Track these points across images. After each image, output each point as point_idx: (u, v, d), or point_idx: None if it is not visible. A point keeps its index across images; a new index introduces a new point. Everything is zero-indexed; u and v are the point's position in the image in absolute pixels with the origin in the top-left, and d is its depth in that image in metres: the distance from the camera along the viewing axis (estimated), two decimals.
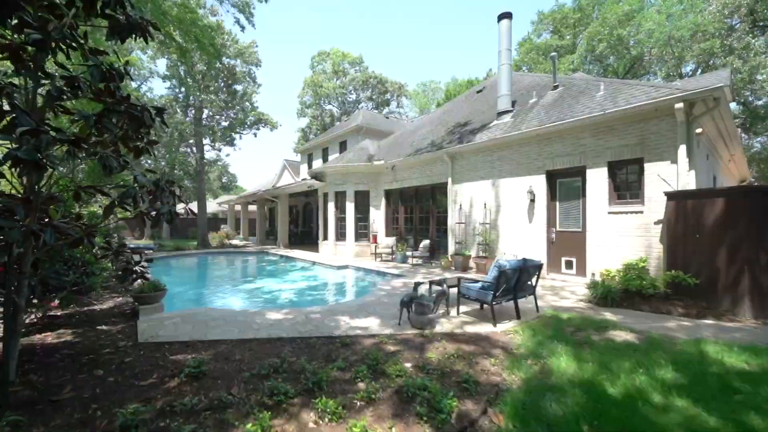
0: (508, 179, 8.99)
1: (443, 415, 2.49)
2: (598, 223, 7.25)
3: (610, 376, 3.15)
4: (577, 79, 9.39)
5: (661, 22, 17.96)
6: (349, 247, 13.42)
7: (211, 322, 4.71)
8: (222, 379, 3.00)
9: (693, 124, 6.14)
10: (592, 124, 7.27)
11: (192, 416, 2.45)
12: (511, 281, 4.87)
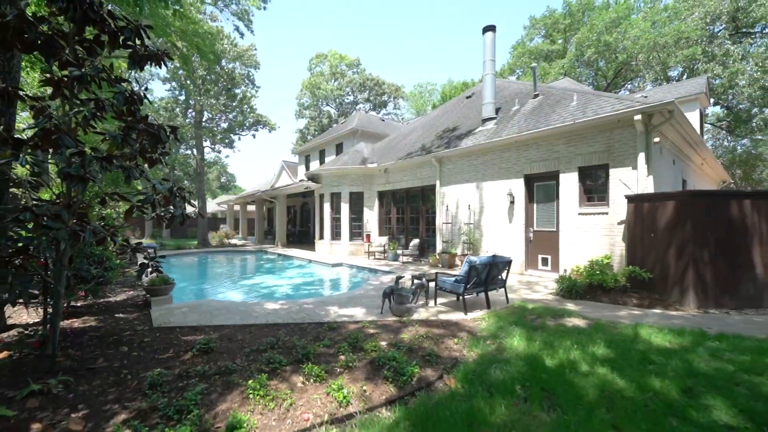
0: (490, 182, 9.62)
1: (405, 378, 3.11)
2: (570, 224, 7.89)
3: (551, 352, 3.78)
4: (555, 89, 10.02)
5: (646, 29, 18.63)
6: (344, 246, 14.03)
7: (215, 311, 5.32)
8: (227, 354, 3.62)
9: (651, 133, 6.77)
10: (565, 133, 7.91)
11: (204, 379, 3.06)
12: (481, 275, 5.50)
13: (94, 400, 2.72)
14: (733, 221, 5.69)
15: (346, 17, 77.74)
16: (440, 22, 75.72)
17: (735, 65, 16.76)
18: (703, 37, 17.98)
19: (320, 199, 15.04)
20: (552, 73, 22.32)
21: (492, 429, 2.48)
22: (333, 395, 2.83)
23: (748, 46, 17.88)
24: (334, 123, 38.48)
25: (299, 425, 2.50)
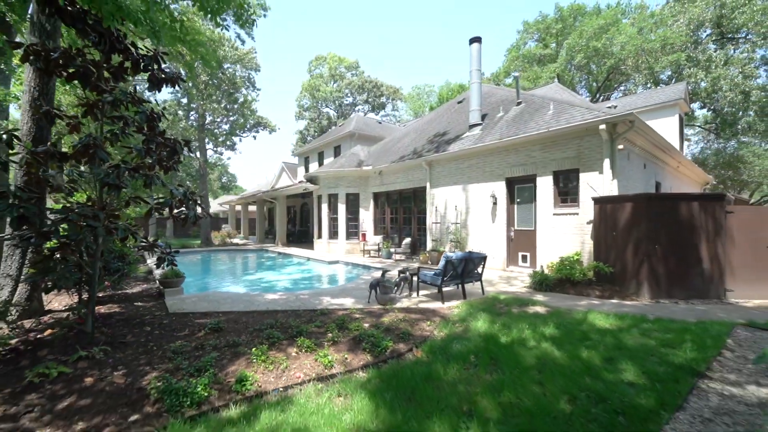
0: (475, 185, 10.31)
1: (380, 349, 3.81)
2: (546, 223, 8.57)
3: (506, 332, 4.48)
4: (536, 97, 10.70)
5: (633, 35, 19.29)
6: (341, 244, 14.73)
7: (222, 300, 6.02)
8: (233, 332, 4.32)
9: (616, 141, 7.45)
10: (541, 139, 8.59)
11: (216, 349, 3.76)
12: (457, 269, 6.19)
13: (129, 364, 3.42)
14: (683, 221, 6.38)
15: (345, 20, 78.42)
16: (439, 23, 76.36)
17: (717, 70, 17.42)
18: (688, 43, 18.64)
19: (318, 200, 15.74)
20: (543, 78, 22.99)
21: (443, 383, 3.18)
22: (320, 361, 3.53)
23: (730, 52, 18.54)
24: (333, 124, 39.18)
25: (292, 381, 3.20)
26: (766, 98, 17.47)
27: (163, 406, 2.70)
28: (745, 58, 17.61)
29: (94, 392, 2.90)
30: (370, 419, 2.59)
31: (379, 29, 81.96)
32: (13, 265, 4.59)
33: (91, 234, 3.78)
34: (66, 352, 3.59)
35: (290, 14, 77.07)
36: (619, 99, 16.68)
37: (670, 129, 14.05)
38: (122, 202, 4.65)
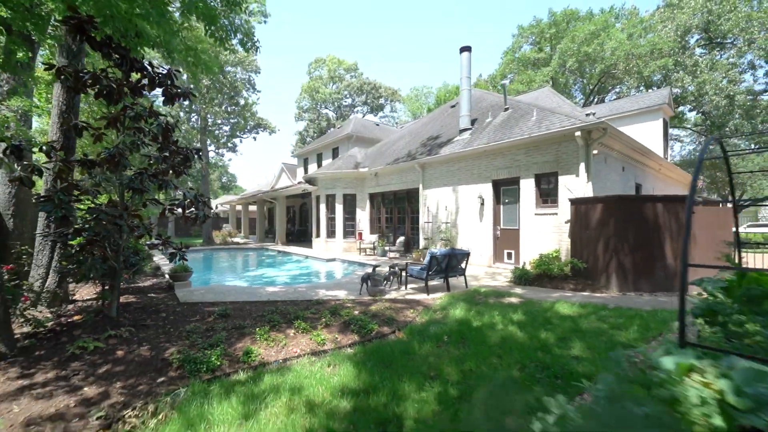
0: (465, 186, 10.91)
1: (366, 331, 4.41)
2: (529, 222, 9.17)
3: (479, 317, 5.08)
4: (522, 103, 11.29)
5: (623, 41, 19.89)
6: (338, 243, 15.33)
7: (227, 292, 6.62)
8: (239, 317, 4.92)
9: (591, 146, 8.05)
10: (524, 144, 9.19)
11: (224, 330, 4.36)
12: (441, 264, 6.79)
13: (151, 341, 4.02)
14: (648, 220, 6.97)
15: (345, 22, 78.99)
16: (438, 25, 76.94)
17: (703, 75, 18.02)
18: (676, 48, 19.24)
19: (317, 200, 16.33)
20: (537, 81, 23.60)
21: (417, 356, 3.78)
22: (314, 339, 4.13)
23: (717, 56, 19.14)
24: (332, 125, 39.78)
25: (290, 355, 3.79)
26: (750, 102, 18.06)
27: (184, 371, 3.30)
28: (728, 63, 18.21)
29: (125, 362, 3.51)
30: (353, 380, 3.19)
31: (379, 31, 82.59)
32: (44, 258, 5.19)
33: (117, 231, 4.39)
34: (96, 332, 4.18)
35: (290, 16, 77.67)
36: (607, 103, 17.28)
37: (654, 133, 14.66)
38: (140, 204, 5.25)
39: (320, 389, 3.00)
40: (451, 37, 79.65)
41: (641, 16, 22.28)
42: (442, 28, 79.34)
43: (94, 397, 2.86)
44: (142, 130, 5.06)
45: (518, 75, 26.51)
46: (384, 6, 74.69)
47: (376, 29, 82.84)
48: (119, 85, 4.77)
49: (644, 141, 14.81)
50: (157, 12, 3.91)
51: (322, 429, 2.47)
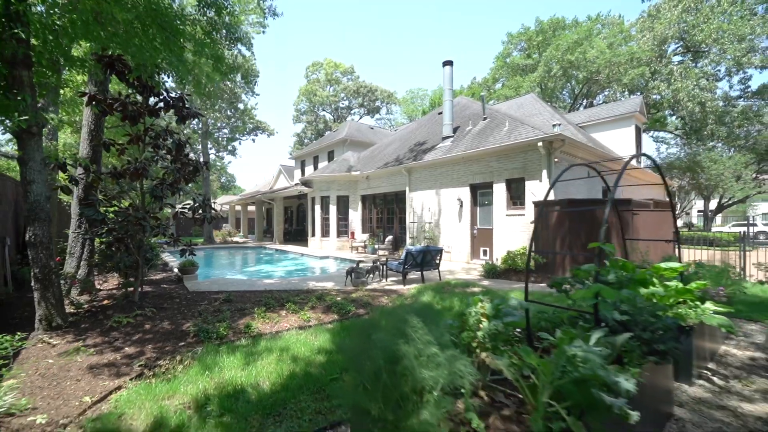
0: (446, 189, 11.92)
1: (345, 311, 5.41)
2: (501, 223, 10.19)
3: (442, 302, 6.08)
4: (499, 113, 12.29)
5: (603, 50, 20.93)
6: (332, 242, 16.32)
7: (229, 284, 7.61)
8: (240, 302, 5.91)
9: (552, 155, 9.06)
10: (496, 152, 10.20)
11: (228, 311, 5.35)
12: (416, 259, 7.80)
13: (171, 318, 5.02)
14: (596, 220, 7.99)
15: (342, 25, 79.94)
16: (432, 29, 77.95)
17: (676, 83, 19.07)
18: (653, 57, 20.29)
19: (312, 201, 17.32)
20: (524, 87, 24.63)
21: (381, 327, 4.78)
22: (301, 318, 5.13)
23: (693, 65, 20.19)
24: (329, 127, 40.74)
25: (282, 328, 4.79)
26: (722, 108, 19.13)
27: (199, 338, 4.29)
28: (701, 72, 19.27)
29: (152, 332, 4.50)
30: (328, 344, 4.19)
31: (375, 35, 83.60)
32: (76, 253, 6.17)
33: (141, 231, 5.38)
34: (125, 312, 5.17)
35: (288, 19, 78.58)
36: (586, 110, 18.31)
37: (627, 138, 15.70)
38: (158, 207, 6.23)
39: (302, 349, 4.00)
40: (447, 40, 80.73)
41: (624, 24, 23.31)
42: (439, 32, 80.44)
43: (134, 354, 3.85)
44: (159, 146, 6.06)
45: (508, 80, 27.54)
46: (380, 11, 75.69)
47: (372, 33, 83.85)
48: (140, 109, 5.76)
49: (618, 146, 15.87)
50: (177, 58, 4.89)
51: (301, 371, 3.46)
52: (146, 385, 3.13)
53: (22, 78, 4.05)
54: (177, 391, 3.02)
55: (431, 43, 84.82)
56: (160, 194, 5.31)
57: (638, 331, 2.39)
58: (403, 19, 78.61)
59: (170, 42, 5.02)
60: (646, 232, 8.08)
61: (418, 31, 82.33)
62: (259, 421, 2.64)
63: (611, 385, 1.62)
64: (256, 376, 3.32)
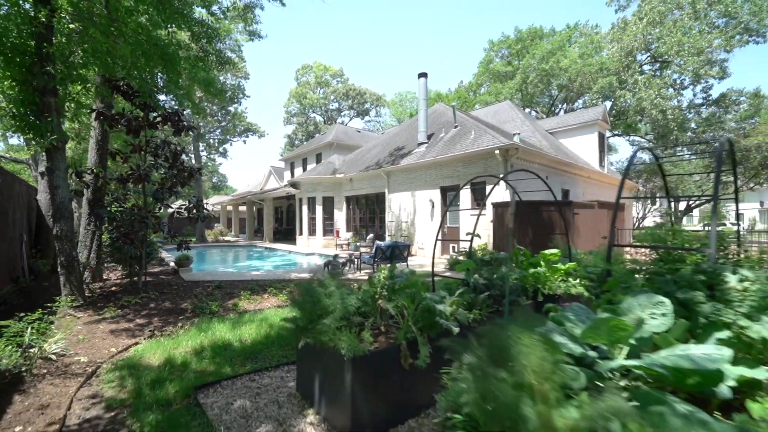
0: (420, 191, 13.06)
1: None
2: (466, 221, 11.36)
3: None
4: (469, 122, 13.47)
5: (575, 60, 22.34)
6: (318, 240, 17.35)
7: (221, 275, 8.64)
8: (229, 288, 6.95)
9: (509, 161, 10.26)
10: (461, 158, 11.37)
11: (219, 294, 6.39)
12: (386, 253, 8.91)
13: (171, 299, 6.04)
14: (544, 219, 9.20)
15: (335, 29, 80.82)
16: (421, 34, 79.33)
17: (640, 92, 20.56)
18: (620, 66, 21.77)
19: (300, 202, 18.33)
20: (504, 93, 25.97)
21: None
22: (280, 299, 6.20)
23: (652, 76, 21.72)
24: (320, 129, 41.67)
25: (263, 307, 5.85)
26: (682, 115, 20.67)
27: (195, 313, 5.33)
28: (662, 82, 20.79)
29: (157, 309, 5.53)
30: None
31: (364, 39, 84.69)
32: (86, 246, 7.13)
33: (144, 228, 6.39)
34: (132, 295, 6.17)
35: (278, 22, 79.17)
36: (556, 117, 19.64)
37: (591, 144, 17.05)
38: (157, 208, 7.23)
39: (277, 319, 5.07)
40: (435, 44, 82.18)
41: (597, 35, 24.80)
42: (428, 36, 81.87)
43: (144, 323, 4.88)
44: (158, 154, 7.06)
45: (489, 86, 28.86)
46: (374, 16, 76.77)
47: (363, 38, 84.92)
48: (141, 123, 6.76)
49: (584, 152, 17.22)
50: (174, 84, 5.91)
51: (274, 333, 4.54)
52: (156, 342, 4.18)
53: (50, 104, 5.04)
54: (180, 345, 4.07)
55: (422, 46, 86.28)
56: (161, 197, 6.33)
57: (493, 291, 3.53)
58: (394, 24, 79.85)
59: (169, 68, 6.04)
60: (586, 229, 9.32)
61: (409, 35, 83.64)
62: (241, 361, 3.72)
63: (439, 314, 2.74)
64: (240, 335, 4.39)
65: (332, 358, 2.49)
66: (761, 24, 21.11)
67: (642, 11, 22.85)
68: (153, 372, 3.34)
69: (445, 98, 37.06)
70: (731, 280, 1.97)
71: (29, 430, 2.38)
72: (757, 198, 46.19)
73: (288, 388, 3.14)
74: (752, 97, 22.13)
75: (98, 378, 3.30)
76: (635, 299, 1.70)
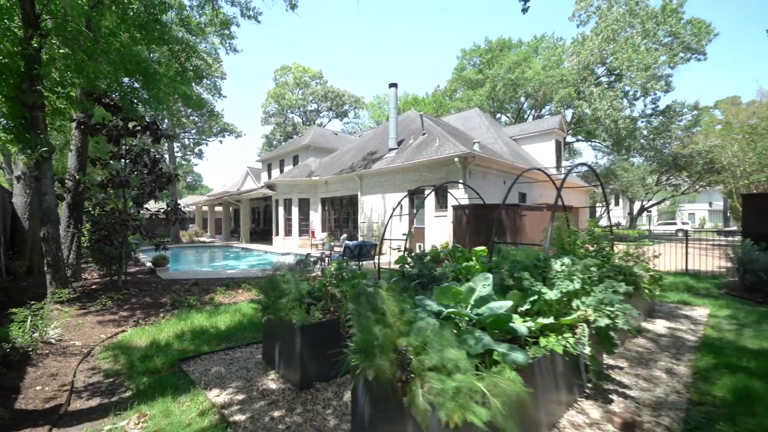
0: (390, 194, 13.96)
1: None
2: (431, 222, 12.35)
3: None
4: (435, 130, 14.50)
5: (539, 71, 24.03)
6: (294, 240, 17.93)
7: (197, 273, 9.17)
8: (206, 285, 7.56)
9: (467, 168, 11.32)
10: (426, 164, 12.36)
11: (197, 290, 7.00)
12: (353, 251, 9.72)
13: (151, 295, 6.61)
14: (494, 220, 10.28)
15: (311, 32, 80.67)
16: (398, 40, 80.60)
17: (596, 103, 22.43)
18: (578, 79, 23.61)
19: (276, 203, 18.82)
20: (474, 100, 27.39)
21: None
22: (253, 293, 6.89)
23: (605, 88, 23.73)
24: (298, 131, 41.90)
25: (238, 300, 6.53)
26: (631, 125, 22.68)
27: (174, 307, 5.95)
28: (613, 94, 22.77)
29: (138, 304, 6.11)
30: None
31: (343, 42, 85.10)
32: (67, 245, 7.53)
33: (124, 229, 6.91)
34: (114, 291, 6.69)
35: None
36: (519, 125, 21.09)
37: (549, 151, 18.55)
38: (137, 211, 7.71)
39: (249, 310, 5.79)
40: (413, 50, 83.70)
41: (558, 47, 26.64)
42: (405, 41, 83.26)
43: (127, 315, 5.47)
44: (137, 161, 7.57)
45: (463, 93, 30.25)
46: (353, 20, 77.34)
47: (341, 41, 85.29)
48: (121, 132, 7.25)
49: (543, 157, 18.69)
50: (154, 98, 6.49)
51: (246, 321, 5.26)
52: (141, 329, 4.82)
53: (39, 118, 5.54)
54: (163, 331, 4.74)
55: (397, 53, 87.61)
56: (141, 202, 6.87)
57: (422, 279, 4.44)
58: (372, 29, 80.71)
59: (150, 85, 6.61)
60: (532, 229, 10.50)
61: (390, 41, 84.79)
62: (217, 342, 4.44)
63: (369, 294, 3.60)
64: (215, 322, 5.10)
65: (287, 329, 3.29)
66: (700, 44, 23.48)
67: (599, 28, 24.83)
68: (141, 351, 4.02)
69: (422, 102, 38.29)
70: (555, 265, 2.95)
71: (47, 389, 3.05)
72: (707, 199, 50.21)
73: (256, 359, 3.91)
74: (692, 109, 24.52)
75: (94, 357, 3.94)
76: (477, 277, 2.61)
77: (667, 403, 2.77)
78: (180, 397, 2.96)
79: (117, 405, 2.81)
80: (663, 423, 2.51)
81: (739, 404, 2.67)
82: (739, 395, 2.79)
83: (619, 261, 5.01)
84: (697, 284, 7.55)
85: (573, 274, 2.76)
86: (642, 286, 4.69)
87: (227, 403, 2.88)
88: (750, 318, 5.06)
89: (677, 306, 5.91)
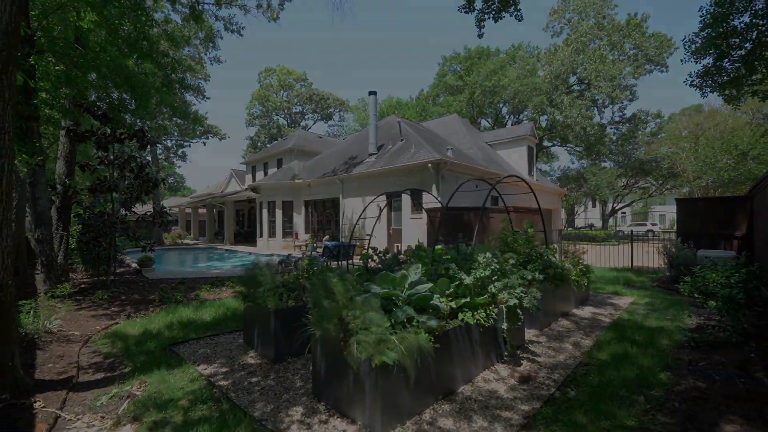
0: (370, 197, 14.65)
1: None
2: (407, 224, 13.12)
3: None
4: (413, 136, 15.32)
5: (514, 80, 25.29)
6: (278, 242, 18.39)
7: (183, 273, 9.62)
8: (192, 283, 8.06)
9: (440, 173, 12.14)
10: (402, 169, 13.13)
11: (183, 288, 7.51)
12: (333, 252, 10.38)
13: (139, 293, 7.09)
14: (464, 222, 11.14)
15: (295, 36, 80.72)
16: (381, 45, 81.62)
17: (566, 111, 23.81)
18: (550, 88, 24.98)
19: (260, 205, 19.23)
20: (454, 106, 28.44)
21: None
22: (236, 290, 7.45)
23: (576, 97, 25.20)
24: (283, 133, 42.12)
25: (222, 297, 7.09)
26: (599, 132, 24.14)
27: (162, 303, 6.47)
28: (581, 103, 24.22)
29: (128, 300, 6.59)
30: None
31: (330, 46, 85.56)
32: (56, 246, 7.89)
33: (113, 231, 7.36)
34: (102, 290, 7.13)
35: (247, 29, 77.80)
36: (495, 131, 22.17)
37: (521, 156, 19.64)
38: (125, 214, 8.15)
39: (233, 304, 6.38)
40: (398, 54, 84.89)
41: (532, 57, 28.02)
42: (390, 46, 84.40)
43: (119, 311, 5.97)
44: (124, 167, 8.02)
45: (443, 98, 31.28)
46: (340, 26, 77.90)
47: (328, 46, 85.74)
48: (109, 138, 7.71)
49: (516, 162, 19.76)
50: (143, 108, 7.00)
51: (230, 313, 5.85)
52: (133, 321, 5.35)
53: (33, 128, 5.99)
54: (153, 322, 5.28)
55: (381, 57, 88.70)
56: (129, 205, 7.33)
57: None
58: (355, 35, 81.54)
59: (139, 96, 7.11)
60: (497, 230, 11.38)
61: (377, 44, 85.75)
62: (203, 330, 5.03)
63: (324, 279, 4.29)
64: (201, 315, 5.67)
65: (264, 314, 3.94)
66: (661, 57, 25.21)
67: (570, 39, 26.30)
68: (135, 338, 4.58)
69: (406, 105, 39.21)
70: (479, 258, 3.71)
71: (57, 366, 3.60)
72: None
73: (238, 343, 4.54)
74: (655, 117, 26.25)
75: (93, 343, 4.48)
76: (411, 267, 3.35)
77: (562, 365, 3.56)
78: (173, 370, 3.57)
79: (119, 377, 3.40)
80: (553, 378, 3.29)
81: (612, 363, 3.49)
82: (616, 358, 3.62)
83: (555, 258, 5.86)
84: (635, 278, 8.55)
85: (489, 265, 3.53)
86: (571, 278, 5.54)
87: (213, 374, 3.51)
88: (663, 305, 6.00)
89: (609, 296, 6.84)
